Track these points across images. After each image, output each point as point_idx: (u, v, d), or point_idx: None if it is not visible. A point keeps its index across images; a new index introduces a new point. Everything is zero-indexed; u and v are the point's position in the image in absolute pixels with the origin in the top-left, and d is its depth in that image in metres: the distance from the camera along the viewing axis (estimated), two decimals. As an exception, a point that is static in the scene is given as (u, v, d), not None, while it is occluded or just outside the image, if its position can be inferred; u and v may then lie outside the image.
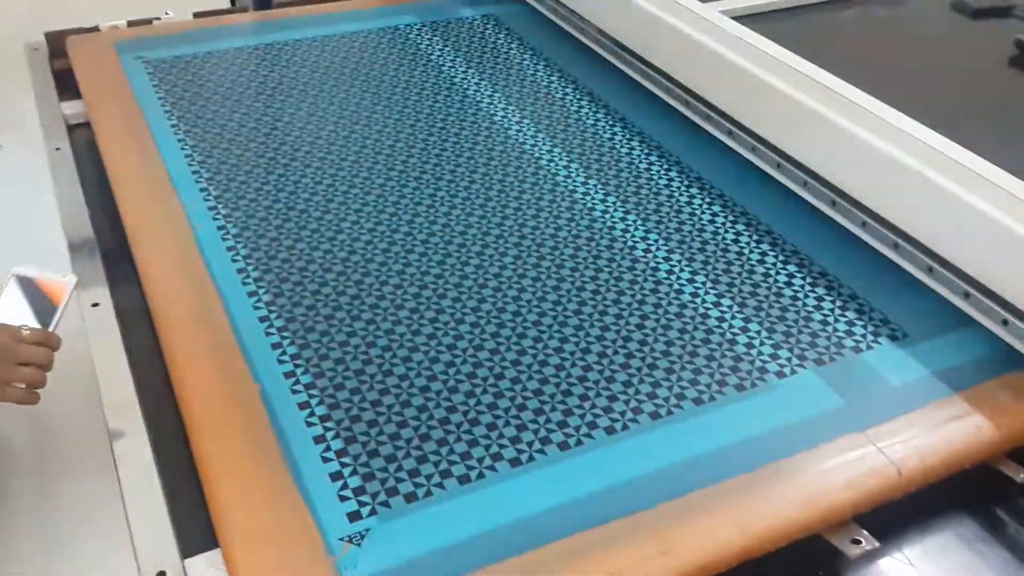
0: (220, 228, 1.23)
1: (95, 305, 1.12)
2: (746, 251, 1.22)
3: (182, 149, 1.39)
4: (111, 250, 1.23)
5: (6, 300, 0.93)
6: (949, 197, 1.06)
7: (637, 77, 1.56)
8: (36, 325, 0.95)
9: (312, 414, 0.96)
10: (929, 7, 1.64)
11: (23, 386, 0.94)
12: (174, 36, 1.73)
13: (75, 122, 1.52)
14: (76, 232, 1.25)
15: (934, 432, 0.95)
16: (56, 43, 1.69)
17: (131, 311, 1.12)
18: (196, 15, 1.83)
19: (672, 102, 1.49)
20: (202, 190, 1.30)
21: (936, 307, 1.11)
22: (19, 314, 0.94)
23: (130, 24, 1.75)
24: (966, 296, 1.07)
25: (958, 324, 1.09)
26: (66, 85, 1.59)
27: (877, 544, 0.87)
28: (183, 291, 1.12)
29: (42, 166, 1.40)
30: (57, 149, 1.44)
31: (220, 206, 1.27)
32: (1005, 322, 1.03)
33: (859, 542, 0.87)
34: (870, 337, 1.08)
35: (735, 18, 1.41)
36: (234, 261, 1.17)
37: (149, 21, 1.77)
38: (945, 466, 0.93)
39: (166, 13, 1.79)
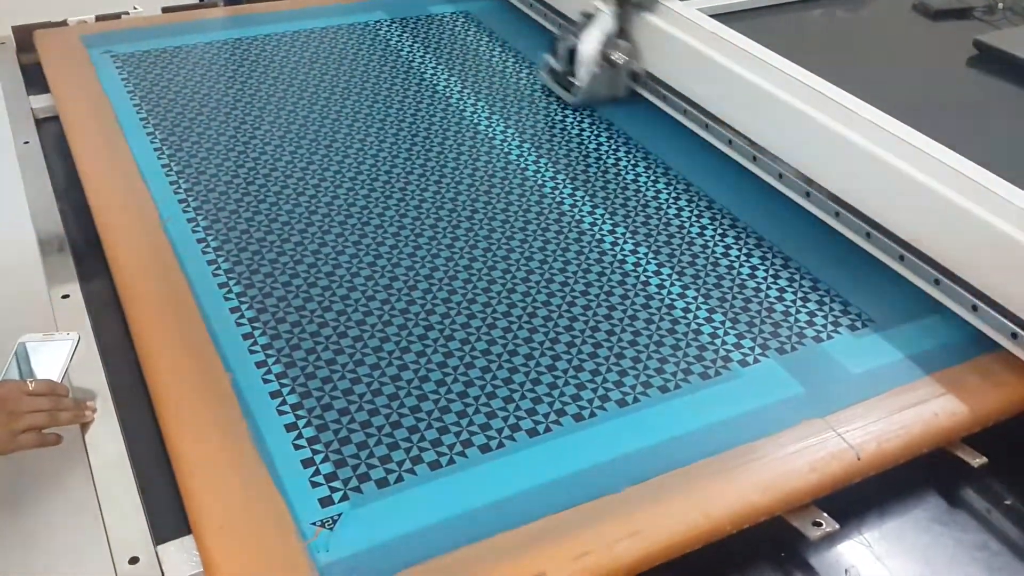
0: (190, 221, 1.23)
1: (65, 297, 1.12)
2: (711, 243, 1.24)
3: (152, 143, 1.39)
4: (81, 243, 1.23)
5: (15, 363, 0.98)
6: (921, 188, 1.09)
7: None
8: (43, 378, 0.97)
9: (284, 402, 0.97)
10: (891, 8, 1.67)
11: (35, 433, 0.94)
12: (143, 31, 1.73)
13: (43, 116, 1.52)
14: (46, 225, 1.26)
15: (892, 418, 0.98)
16: (23, 37, 1.69)
17: (101, 303, 1.13)
18: (165, 10, 1.83)
19: (649, 96, 1.51)
20: (172, 183, 1.31)
21: (896, 296, 1.14)
22: (28, 374, 0.97)
23: (98, 19, 1.75)
24: (936, 283, 1.10)
25: (915, 314, 1.12)
26: (34, 79, 1.59)
27: (837, 526, 0.89)
28: (153, 283, 1.12)
29: (11, 160, 1.40)
30: (25, 143, 1.44)
31: (191, 199, 1.28)
32: (975, 308, 1.06)
33: (820, 524, 0.89)
34: (830, 327, 1.11)
35: (713, 16, 1.43)
36: (204, 253, 1.18)
37: (117, 16, 1.77)
38: (903, 451, 0.96)
39: (134, 8, 1.79)
